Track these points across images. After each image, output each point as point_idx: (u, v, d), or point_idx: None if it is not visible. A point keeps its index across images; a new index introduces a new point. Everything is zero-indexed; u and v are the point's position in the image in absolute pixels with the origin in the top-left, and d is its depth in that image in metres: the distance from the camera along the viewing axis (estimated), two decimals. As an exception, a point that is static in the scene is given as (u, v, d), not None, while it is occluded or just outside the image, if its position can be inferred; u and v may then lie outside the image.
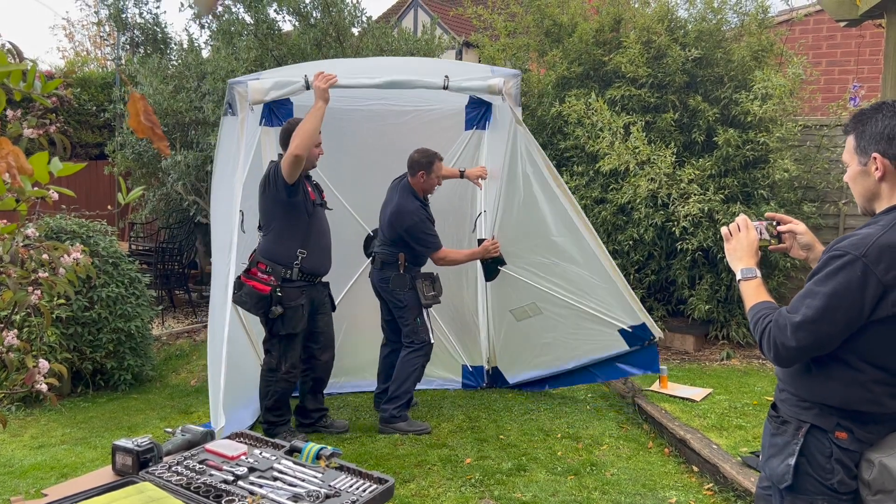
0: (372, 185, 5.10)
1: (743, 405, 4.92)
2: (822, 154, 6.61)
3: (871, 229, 1.84)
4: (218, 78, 7.27)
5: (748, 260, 2.09)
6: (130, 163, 8.14)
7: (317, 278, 4.43)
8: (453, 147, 5.38)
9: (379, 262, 4.76)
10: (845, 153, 2.00)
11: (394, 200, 4.74)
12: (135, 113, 0.96)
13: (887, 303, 1.79)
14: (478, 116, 5.33)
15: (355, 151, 5.11)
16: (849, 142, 1.97)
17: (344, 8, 7.86)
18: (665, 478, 4.01)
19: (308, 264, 4.30)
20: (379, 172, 5.11)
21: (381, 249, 4.76)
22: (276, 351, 4.34)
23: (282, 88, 4.35)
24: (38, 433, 4.95)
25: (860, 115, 1.94)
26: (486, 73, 4.78)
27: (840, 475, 1.87)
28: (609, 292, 4.84)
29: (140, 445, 1.93)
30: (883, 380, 1.84)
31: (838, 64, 8.86)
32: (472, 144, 5.43)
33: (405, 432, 4.57)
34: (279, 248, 4.27)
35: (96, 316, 5.62)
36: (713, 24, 6.61)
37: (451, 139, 5.36)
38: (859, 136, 1.93)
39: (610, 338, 4.94)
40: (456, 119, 5.33)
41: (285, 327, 4.26)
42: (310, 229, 4.31)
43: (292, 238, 4.27)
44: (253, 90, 4.25)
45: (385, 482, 1.86)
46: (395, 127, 5.19)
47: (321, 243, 4.39)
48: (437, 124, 5.28)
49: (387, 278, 4.72)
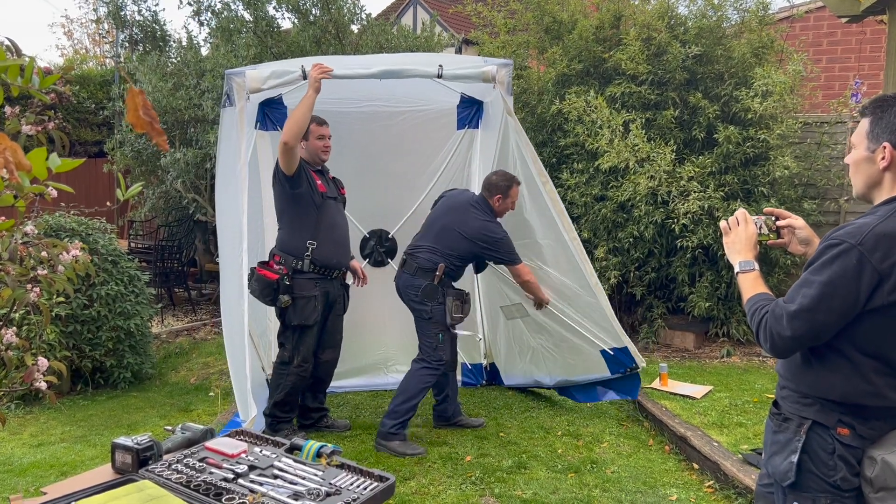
0: (367, 187, 5.09)
1: (743, 402, 4.91)
2: (822, 151, 6.61)
3: (868, 219, 1.83)
4: (217, 75, 7.26)
5: (746, 253, 2.09)
6: (129, 160, 8.13)
7: (332, 271, 4.39)
8: (446, 147, 5.38)
9: (414, 268, 4.47)
10: (855, 134, 1.96)
11: (468, 215, 4.48)
12: (133, 107, 0.95)
13: (883, 291, 1.78)
14: (469, 115, 5.32)
15: (349, 153, 5.09)
16: (862, 124, 1.94)
17: (343, 5, 7.85)
18: (665, 475, 4.01)
19: (319, 255, 4.29)
20: (374, 174, 5.11)
21: (424, 255, 4.47)
22: (290, 343, 4.32)
23: (279, 77, 4.31)
24: (38, 431, 4.94)
25: (881, 101, 1.91)
26: (479, 63, 4.76)
27: (843, 472, 1.86)
28: (591, 307, 4.72)
29: (139, 443, 1.92)
30: (882, 371, 1.83)
31: (839, 61, 8.85)
32: (464, 144, 5.42)
33: (400, 454, 4.31)
34: (290, 239, 4.30)
35: (96, 314, 5.61)
36: (713, 20, 6.60)
37: (444, 138, 5.36)
38: (875, 122, 1.90)
39: (591, 359, 4.80)
40: (448, 118, 5.31)
41: (297, 317, 4.26)
42: (319, 221, 4.31)
43: (302, 229, 4.28)
44: (251, 78, 4.23)
45: (386, 480, 1.85)
46: (389, 128, 5.17)
47: (333, 235, 4.38)
48: (430, 124, 5.27)
49: (418, 286, 4.43)
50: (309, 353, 4.36)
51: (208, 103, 7.26)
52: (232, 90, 4.30)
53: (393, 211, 5.44)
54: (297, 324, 4.27)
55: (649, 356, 6.22)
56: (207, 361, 6.65)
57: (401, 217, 5.44)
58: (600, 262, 6.23)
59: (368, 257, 5.43)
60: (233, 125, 4.32)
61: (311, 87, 4.12)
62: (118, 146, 8.16)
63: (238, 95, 4.27)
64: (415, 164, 5.39)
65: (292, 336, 4.32)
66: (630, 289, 6.50)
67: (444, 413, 4.77)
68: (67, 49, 24.47)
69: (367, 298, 5.08)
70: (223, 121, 4.55)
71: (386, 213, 5.43)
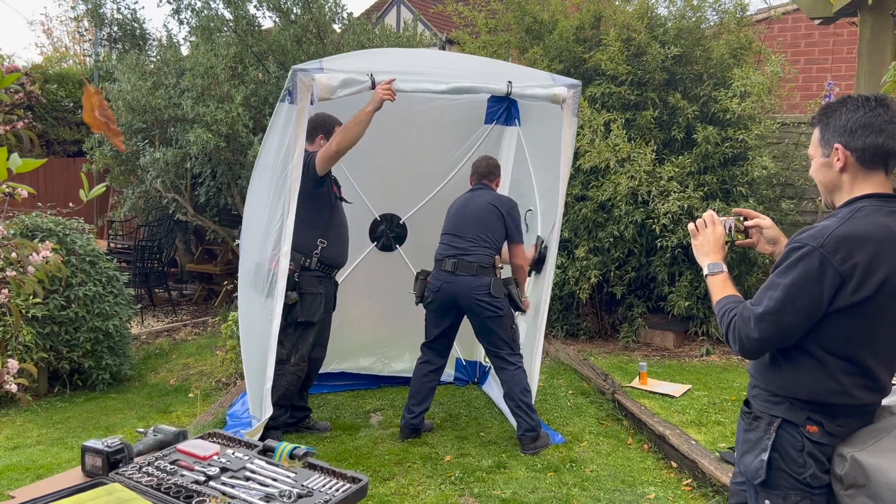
0: (384, 170, 5.03)
1: (722, 401, 4.95)
2: (800, 151, 6.67)
3: (829, 221, 1.87)
4: (197, 74, 7.21)
5: (714, 255, 2.12)
6: (109, 160, 8.05)
7: (333, 270, 4.47)
8: (471, 139, 5.31)
9: (474, 267, 4.33)
10: (811, 146, 2.02)
11: (487, 196, 4.52)
12: (89, 107, 0.94)
13: (845, 293, 1.81)
14: (499, 111, 5.22)
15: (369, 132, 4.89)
16: (814, 134, 1.99)
17: (324, 4, 7.82)
18: (644, 473, 4.03)
19: (327, 254, 4.35)
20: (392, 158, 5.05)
21: (477, 251, 4.37)
22: (289, 341, 4.31)
23: (348, 87, 4.08)
24: (14, 434, 4.88)
25: (825, 109, 1.97)
26: (548, 81, 4.55)
27: (812, 469, 1.88)
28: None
29: (110, 446, 1.90)
30: (848, 370, 1.86)
31: (816, 62, 8.95)
32: (491, 139, 5.34)
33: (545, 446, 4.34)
34: (302, 236, 4.22)
35: (73, 315, 5.55)
36: (692, 21, 6.65)
37: (469, 130, 5.27)
38: (824, 129, 1.95)
39: None
40: (478, 111, 5.20)
41: (303, 314, 4.29)
42: (331, 220, 4.37)
43: (314, 227, 4.31)
44: (321, 87, 3.97)
45: (359, 481, 1.85)
46: (415, 113, 5.01)
47: (340, 235, 4.45)
48: (458, 114, 5.16)
49: (486, 284, 4.30)
50: (307, 351, 4.38)
51: (188, 102, 7.20)
52: (296, 87, 4.00)
53: (407, 197, 5.40)
54: (303, 320, 4.30)
55: (629, 355, 6.26)
56: (187, 362, 6.61)
57: (414, 204, 5.41)
58: (581, 261, 6.26)
59: (377, 240, 5.42)
60: (289, 124, 4.07)
61: (372, 102, 4.04)
62: (97, 145, 8.08)
63: (301, 95, 3.97)
64: (436, 153, 5.32)
65: (293, 333, 4.32)
66: (610, 288, 6.53)
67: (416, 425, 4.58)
68: (47, 47, 24.21)
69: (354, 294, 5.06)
70: (278, 115, 4.30)
71: (399, 199, 5.38)
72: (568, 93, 4.41)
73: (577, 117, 4.56)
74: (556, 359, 6.19)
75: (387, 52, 5.77)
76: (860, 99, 1.90)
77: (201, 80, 7.21)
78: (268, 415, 3.93)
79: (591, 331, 6.83)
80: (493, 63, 5.18)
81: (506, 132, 5.35)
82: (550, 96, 4.43)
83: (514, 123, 5.26)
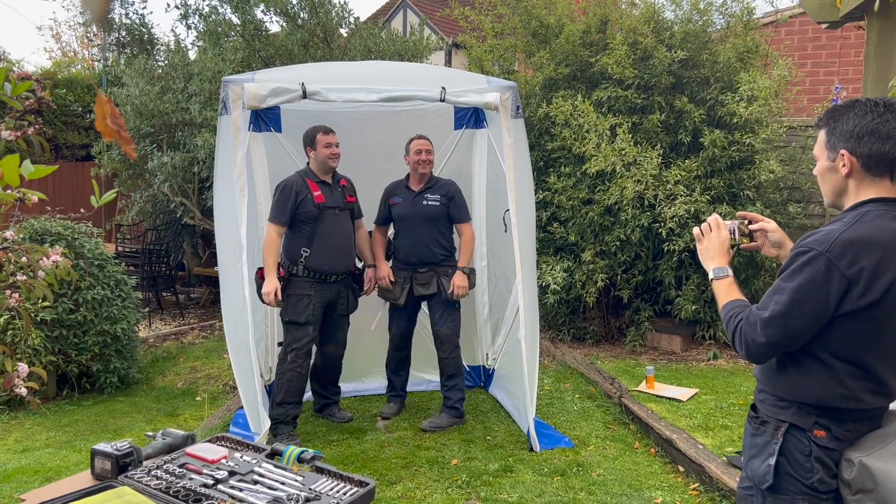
0: (360, 187, 5.07)
1: (729, 405, 4.94)
2: (807, 155, 6.65)
3: (835, 225, 1.86)
4: (205, 79, 7.25)
5: (720, 259, 2.11)
6: (117, 164, 8.10)
7: (328, 277, 4.56)
8: (442, 147, 5.33)
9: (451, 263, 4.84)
10: (816, 147, 2.01)
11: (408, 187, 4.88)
12: (101, 115, 0.95)
13: (852, 297, 1.80)
14: (467, 115, 5.27)
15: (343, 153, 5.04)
16: (820, 136, 1.98)
17: (332, 9, 7.86)
18: (651, 478, 4.03)
19: (313, 263, 4.52)
20: (367, 174, 5.08)
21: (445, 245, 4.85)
22: (285, 341, 4.57)
23: (278, 96, 4.31)
24: (23, 437, 4.91)
25: (833, 111, 1.95)
26: (483, 84, 4.68)
27: (820, 474, 1.88)
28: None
29: (119, 449, 1.91)
30: (856, 374, 1.86)
31: (823, 65, 8.92)
32: (463, 144, 5.39)
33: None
34: (288, 245, 4.55)
35: (82, 318, 5.58)
36: (699, 25, 6.63)
37: (440, 139, 5.28)
38: (830, 132, 1.94)
39: None
40: (444, 118, 5.27)
41: (288, 313, 4.48)
42: (314, 231, 4.51)
43: (298, 237, 4.53)
44: (250, 95, 4.20)
45: (366, 485, 1.85)
46: (383, 127, 5.14)
47: (327, 243, 4.54)
48: (426, 123, 5.17)
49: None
50: (302, 351, 4.49)
51: (196, 107, 7.25)
52: (228, 97, 4.25)
53: None
54: (288, 319, 4.49)
55: (636, 359, 6.25)
56: (195, 366, 6.63)
57: None
58: (587, 265, 6.25)
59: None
60: (229, 134, 4.27)
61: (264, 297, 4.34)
62: (105, 150, 8.13)
63: (233, 104, 4.22)
64: None
65: (287, 333, 4.55)
66: (617, 292, 6.52)
67: None
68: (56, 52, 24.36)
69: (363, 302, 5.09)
70: (220, 129, 4.49)
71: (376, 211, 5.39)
72: (500, 98, 4.47)
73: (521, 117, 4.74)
74: (563, 363, 6.19)
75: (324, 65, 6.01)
76: (869, 103, 1.89)
77: (209, 84, 7.25)
78: (266, 428, 4.05)
79: (597, 335, 6.82)
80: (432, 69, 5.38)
81: (476, 135, 5.36)
82: (483, 104, 4.58)
83: (483, 126, 5.27)
